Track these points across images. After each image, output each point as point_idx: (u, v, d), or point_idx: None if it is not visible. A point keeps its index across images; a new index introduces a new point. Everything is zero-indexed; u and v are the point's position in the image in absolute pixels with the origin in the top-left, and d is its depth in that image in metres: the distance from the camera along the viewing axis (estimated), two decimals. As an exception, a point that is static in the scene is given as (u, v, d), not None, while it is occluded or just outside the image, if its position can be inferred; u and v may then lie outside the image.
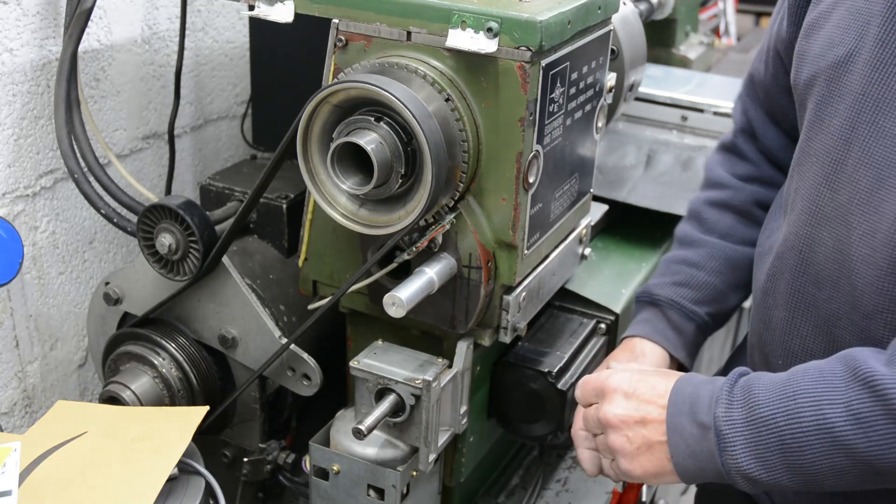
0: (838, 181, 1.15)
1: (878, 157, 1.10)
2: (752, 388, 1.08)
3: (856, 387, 1.00)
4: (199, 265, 1.40)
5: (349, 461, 1.36)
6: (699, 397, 1.11)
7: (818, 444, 1.01)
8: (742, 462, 1.06)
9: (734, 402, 1.08)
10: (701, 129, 2.29)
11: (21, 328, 1.64)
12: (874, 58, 1.11)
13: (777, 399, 1.04)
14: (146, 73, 1.80)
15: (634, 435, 1.15)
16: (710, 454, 1.08)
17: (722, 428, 1.07)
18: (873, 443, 0.98)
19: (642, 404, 1.15)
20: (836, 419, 1.00)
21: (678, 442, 1.11)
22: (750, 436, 1.05)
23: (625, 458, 1.17)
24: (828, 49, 1.18)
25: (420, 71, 1.21)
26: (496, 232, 1.29)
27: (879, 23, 1.11)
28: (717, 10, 3.31)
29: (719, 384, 1.12)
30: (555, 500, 1.73)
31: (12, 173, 1.56)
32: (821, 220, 1.18)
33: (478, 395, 1.47)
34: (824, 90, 1.18)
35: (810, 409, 1.01)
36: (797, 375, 1.06)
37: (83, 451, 1.23)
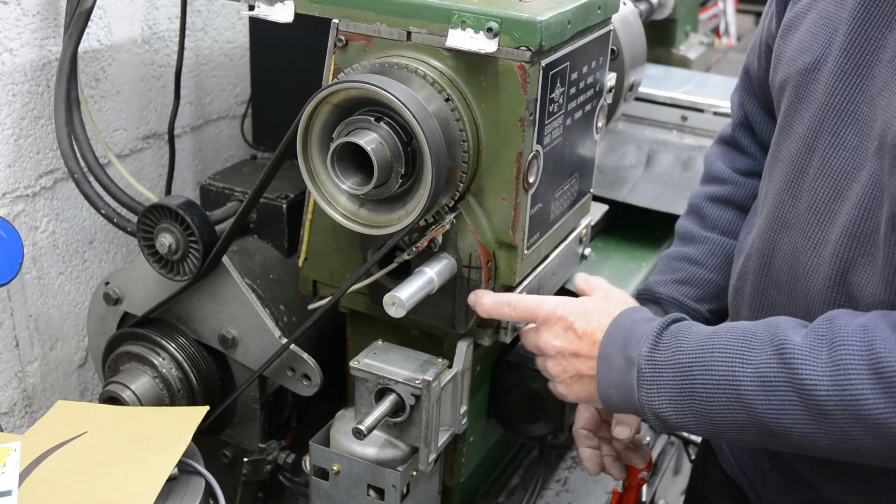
0: (800, 190, 1.17)
1: (836, 168, 1.11)
2: (679, 334, 1.12)
3: (769, 351, 1.04)
4: (199, 265, 1.40)
5: (349, 461, 1.36)
6: (633, 333, 1.15)
7: (724, 399, 1.06)
8: (655, 401, 1.11)
9: (660, 344, 1.12)
10: (701, 129, 2.30)
11: (21, 328, 1.65)
12: (838, 67, 1.11)
13: (697, 349, 1.09)
14: (146, 73, 1.80)
15: (568, 365, 1.20)
16: (631, 388, 1.13)
17: (643, 366, 1.12)
18: (773, 406, 1.02)
19: (577, 338, 1.19)
20: (743, 378, 1.04)
21: (605, 371, 1.16)
22: (667, 378, 1.10)
23: (559, 384, 1.23)
24: (798, 54, 1.18)
25: (420, 71, 1.21)
26: (496, 232, 1.29)
27: (845, 31, 1.11)
28: (717, 10, 3.31)
29: (653, 324, 1.15)
30: (555, 500, 1.73)
31: (12, 173, 1.56)
32: (782, 227, 1.20)
33: (478, 395, 1.47)
34: (793, 96, 1.19)
35: (723, 364, 1.06)
36: (721, 331, 1.10)
37: (83, 451, 1.23)
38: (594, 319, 1.19)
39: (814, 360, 1.00)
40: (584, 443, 1.37)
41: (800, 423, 1.01)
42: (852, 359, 0.98)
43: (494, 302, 1.27)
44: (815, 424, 1.00)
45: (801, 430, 1.01)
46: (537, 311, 1.24)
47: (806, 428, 1.01)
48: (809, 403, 1.00)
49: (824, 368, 0.99)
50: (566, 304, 1.23)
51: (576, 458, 1.86)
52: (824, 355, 1.00)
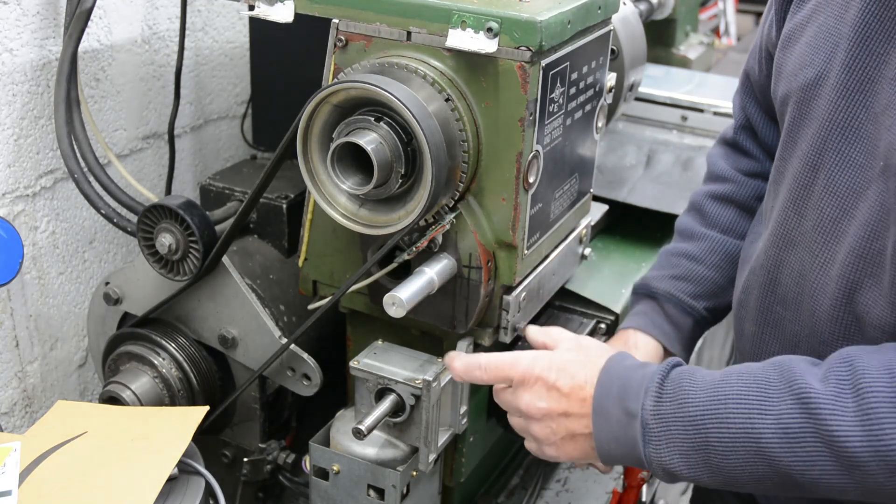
0: (805, 207, 1.14)
1: (842, 186, 1.09)
2: (683, 383, 1.07)
3: (788, 400, 0.99)
4: (199, 265, 1.40)
5: (349, 461, 1.36)
6: (629, 382, 1.10)
7: (743, 451, 1.01)
8: (665, 457, 1.06)
9: (664, 395, 1.07)
10: (701, 129, 2.30)
11: (21, 328, 1.65)
12: (841, 83, 1.09)
13: (708, 400, 1.04)
14: (146, 73, 1.80)
15: (558, 426, 1.15)
16: (634, 442, 1.07)
17: (649, 421, 1.06)
18: (798, 458, 0.98)
19: (564, 397, 1.14)
20: (764, 430, 1.00)
21: (602, 426, 1.10)
22: (676, 433, 1.05)
23: (549, 446, 1.17)
24: (800, 68, 1.16)
25: (420, 71, 1.21)
26: (496, 232, 1.29)
27: (847, 47, 1.09)
28: (717, 10, 3.31)
29: (651, 372, 1.10)
30: (555, 500, 1.73)
31: (12, 173, 1.56)
32: (788, 244, 1.18)
33: (478, 395, 1.47)
34: (795, 112, 1.17)
35: (740, 416, 1.01)
36: (731, 378, 1.05)
37: (83, 451, 1.23)
38: (578, 374, 1.13)
39: (841, 410, 0.95)
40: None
41: (829, 473, 0.97)
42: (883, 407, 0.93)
43: (465, 365, 1.23)
44: (847, 475, 0.96)
45: (830, 480, 0.97)
46: (510, 373, 1.18)
47: (836, 479, 0.97)
48: (841, 455, 0.95)
49: (853, 418, 0.95)
50: (540, 360, 1.16)
51: (576, 458, 1.86)
52: (850, 403, 0.95)
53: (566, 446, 1.16)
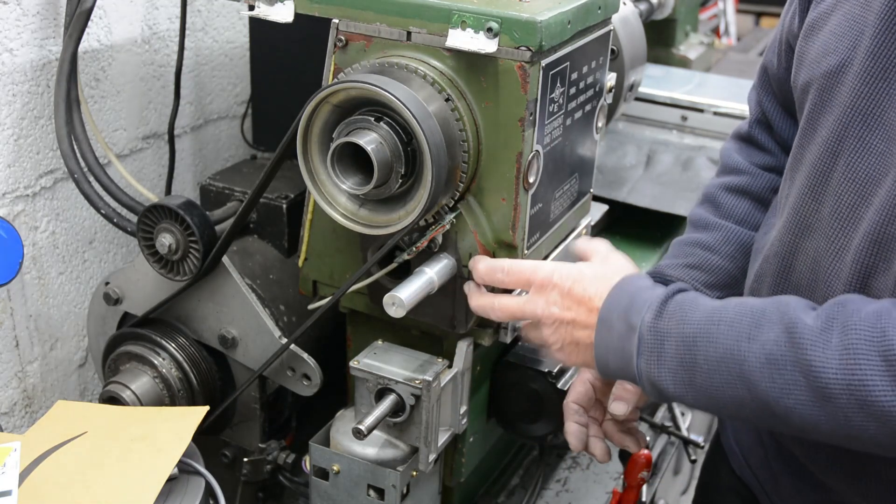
0: (824, 194, 1.15)
1: (861, 173, 1.09)
2: (685, 304, 1.10)
3: (777, 329, 1.02)
4: (199, 265, 1.40)
5: (349, 461, 1.36)
6: (636, 299, 1.13)
7: (727, 373, 1.04)
8: (654, 371, 1.09)
9: (665, 313, 1.10)
10: (701, 129, 2.30)
11: (21, 328, 1.65)
12: (865, 70, 1.09)
13: (703, 321, 1.07)
14: (146, 73, 1.80)
15: (565, 333, 1.19)
16: (630, 355, 1.11)
17: (645, 335, 1.10)
18: (776, 385, 1.01)
19: (574, 305, 1.17)
20: (748, 354, 1.03)
21: (604, 336, 1.14)
22: (668, 348, 1.08)
23: (556, 351, 1.22)
24: (822, 56, 1.16)
25: (420, 71, 1.21)
26: (496, 232, 1.29)
27: (872, 34, 1.09)
28: (717, 10, 3.31)
29: (658, 291, 1.13)
30: (555, 500, 1.73)
31: (12, 173, 1.56)
32: (804, 231, 1.18)
33: (478, 395, 1.47)
34: (817, 99, 1.17)
35: (729, 338, 1.04)
36: (729, 305, 1.09)
37: (83, 451, 1.23)
38: (591, 286, 1.17)
39: (823, 343, 0.98)
40: (573, 417, 1.35)
41: (802, 404, 1.00)
42: (863, 344, 0.96)
43: (489, 267, 1.25)
44: (819, 407, 0.99)
45: (803, 411, 1.00)
46: (532, 277, 1.21)
47: (808, 410, 1.00)
48: (815, 385, 0.98)
49: (834, 351, 0.97)
50: (561, 269, 1.20)
51: (576, 458, 1.86)
52: (835, 338, 0.98)
53: (570, 353, 1.20)
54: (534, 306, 1.21)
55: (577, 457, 1.86)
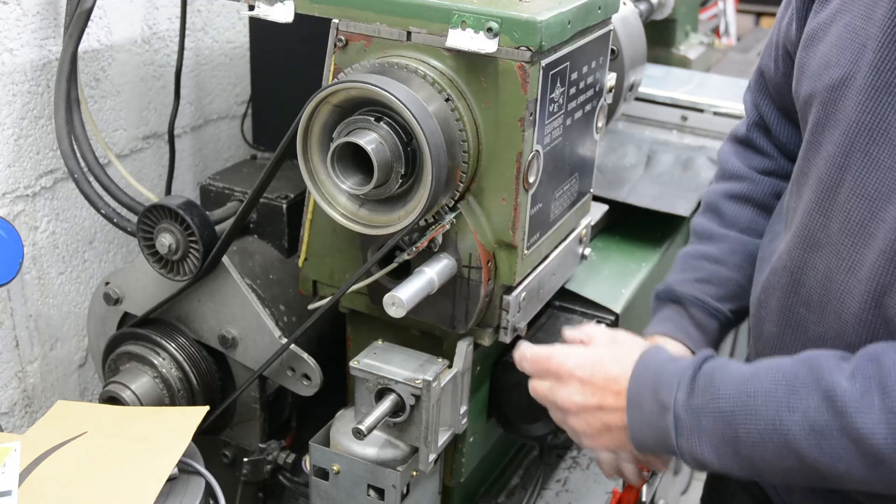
0: (832, 210, 1.14)
1: (870, 188, 1.08)
2: (714, 377, 1.09)
3: (816, 397, 1.01)
4: (199, 265, 1.40)
5: (349, 461, 1.36)
6: (662, 375, 1.12)
7: (771, 445, 1.04)
8: (696, 448, 1.08)
9: (696, 389, 1.09)
10: (701, 129, 2.30)
11: (21, 328, 1.65)
12: (869, 84, 1.08)
13: (738, 395, 1.06)
14: (146, 73, 1.80)
15: (594, 419, 1.18)
16: (667, 433, 1.10)
17: (681, 413, 1.09)
18: (825, 454, 1.00)
19: (598, 391, 1.17)
20: (792, 425, 1.02)
21: (636, 416, 1.13)
22: (707, 425, 1.07)
23: (586, 438, 1.21)
24: (825, 68, 1.15)
25: (420, 71, 1.21)
26: (496, 232, 1.29)
27: (875, 47, 1.08)
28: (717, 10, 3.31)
29: (684, 365, 1.13)
30: (555, 500, 1.73)
31: (12, 173, 1.56)
32: (813, 246, 1.18)
33: (478, 395, 1.47)
34: (821, 113, 1.16)
35: (768, 411, 1.04)
36: (761, 373, 1.08)
37: (83, 451, 1.23)
38: (612, 369, 1.16)
39: (867, 407, 0.98)
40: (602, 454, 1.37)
41: (854, 469, 0.99)
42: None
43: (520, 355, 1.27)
44: (872, 471, 0.99)
45: (856, 475, 1.00)
46: (547, 366, 1.22)
47: (861, 474, 0.99)
48: (866, 452, 0.98)
49: (879, 415, 0.97)
50: (573, 356, 1.20)
51: (576, 458, 1.86)
52: (877, 401, 0.97)
53: (602, 438, 1.19)
54: (554, 396, 1.21)
55: (576, 457, 1.86)
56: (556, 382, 1.21)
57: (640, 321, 1.85)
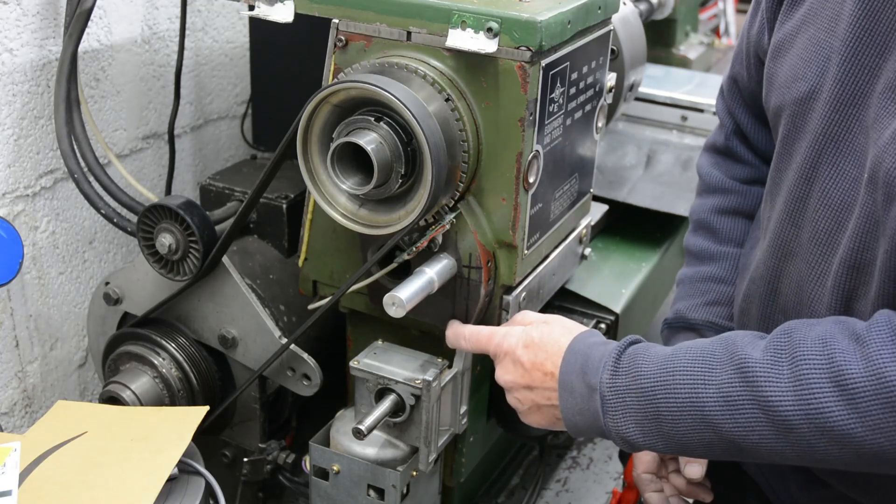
0: (802, 220, 1.17)
1: (835, 199, 1.11)
2: (638, 358, 1.13)
3: (729, 370, 1.05)
4: (199, 265, 1.40)
5: (349, 461, 1.36)
6: (590, 358, 1.16)
7: (690, 419, 1.07)
8: (622, 426, 1.12)
9: (620, 369, 1.13)
10: (701, 129, 2.29)
11: (21, 328, 1.65)
12: (834, 98, 1.10)
13: (658, 373, 1.10)
14: (146, 73, 1.80)
15: (523, 397, 1.22)
16: (596, 414, 1.13)
17: (606, 393, 1.12)
18: (739, 424, 1.03)
19: (527, 371, 1.20)
20: (707, 399, 1.05)
21: (568, 398, 1.16)
22: (630, 403, 1.11)
23: (521, 413, 1.25)
24: (792, 81, 1.17)
25: (420, 71, 1.21)
26: (496, 232, 1.29)
27: (838, 61, 1.10)
28: (717, 10, 3.31)
29: (609, 349, 1.16)
30: (555, 500, 1.73)
31: (12, 173, 1.56)
32: (787, 255, 1.20)
33: (478, 395, 1.47)
34: (790, 125, 1.18)
35: (685, 386, 1.07)
36: (680, 352, 1.11)
37: (83, 451, 1.23)
38: (541, 350, 1.20)
39: (776, 376, 1.01)
40: (650, 487, 1.38)
41: (767, 438, 1.02)
42: (814, 372, 0.99)
43: (454, 333, 1.31)
44: (782, 438, 1.02)
45: (769, 444, 1.03)
46: (486, 346, 1.26)
47: (773, 442, 1.03)
48: (775, 419, 1.01)
49: (787, 384, 1.00)
50: (511, 336, 1.23)
51: (576, 458, 1.86)
52: (786, 370, 1.01)
53: (533, 415, 1.23)
54: (497, 374, 1.25)
55: (576, 457, 1.87)
56: (496, 360, 1.25)
57: (639, 321, 1.86)
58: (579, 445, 2.08)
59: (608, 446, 2.08)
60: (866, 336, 0.98)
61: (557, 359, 1.18)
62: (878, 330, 0.98)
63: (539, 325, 1.24)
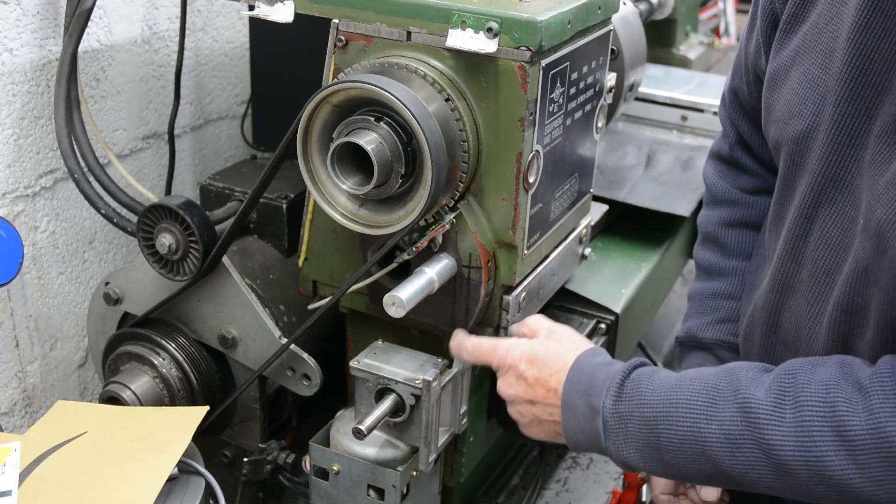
0: (802, 257, 1.17)
1: (834, 239, 1.11)
2: (641, 384, 1.13)
3: (732, 408, 1.05)
4: (199, 265, 1.40)
5: (349, 461, 1.36)
6: (594, 380, 1.16)
7: (690, 452, 1.07)
8: (622, 451, 1.13)
9: (623, 395, 1.13)
10: (701, 129, 2.29)
11: (21, 328, 1.65)
12: (832, 139, 1.10)
13: (661, 403, 1.10)
14: (146, 73, 1.80)
15: (525, 411, 1.23)
16: (598, 435, 1.14)
17: (608, 419, 1.13)
18: (738, 462, 1.04)
19: (530, 386, 1.21)
20: (709, 434, 1.06)
21: (570, 417, 1.17)
22: (632, 430, 1.11)
23: (522, 426, 1.26)
24: (789, 118, 1.17)
25: (420, 71, 1.21)
26: (496, 232, 1.29)
27: (834, 101, 1.09)
28: (717, 10, 3.31)
29: (614, 371, 1.16)
30: (555, 500, 1.73)
31: (12, 173, 1.56)
32: (787, 290, 1.20)
33: (478, 395, 1.47)
34: (789, 162, 1.18)
35: (687, 420, 1.08)
36: (684, 383, 1.11)
37: (83, 451, 1.23)
38: (545, 367, 1.20)
39: (778, 420, 1.01)
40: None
41: (766, 477, 1.03)
42: (816, 420, 0.99)
43: (457, 344, 1.31)
44: (781, 480, 1.02)
45: (768, 484, 1.04)
46: (489, 358, 1.26)
47: (772, 483, 1.03)
48: (775, 462, 1.01)
49: (789, 429, 1.01)
50: (515, 350, 1.24)
51: (576, 458, 1.86)
52: (788, 414, 1.01)
53: (534, 429, 1.24)
54: (499, 387, 1.26)
55: (577, 457, 1.87)
56: (499, 373, 1.26)
57: (639, 321, 1.86)
58: (579, 445, 2.08)
59: None
60: (869, 387, 0.98)
61: (561, 376, 1.18)
62: (882, 381, 0.98)
63: (544, 340, 1.24)
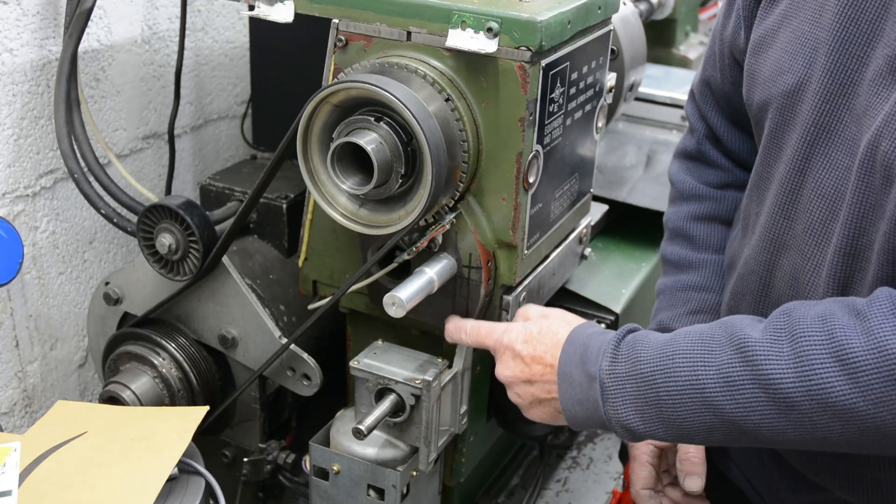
0: (795, 211, 1.17)
1: (829, 188, 1.11)
2: (637, 345, 1.12)
3: (729, 351, 1.04)
4: (199, 265, 1.40)
5: (349, 461, 1.36)
6: (589, 348, 1.15)
7: (690, 402, 1.06)
8: (622, 413, 1.11)
9: (619, 356, 1.12)
10: (701, 129, 2.29)
11: (21, 328, 1.65)
12: (824, 88, 1.11)
13: (657, 357, 1.09)
14: (146, 73, 1.80)
15: (523, 392, 1.22)
16: (596, 403, 1.13)
17: (605, 380, 1.12)
18: (740, 405, 1.03)
19: (527, 365, 1.20)
20: (707, 381, 1.05)
21: (567, 389, 1.16)
22: (630, 390, 1.10)
23: (523, 409, 1.24)
24: (778, 75, 1.17)
25: (420, 71, 1.21)
26: (496, 232, 1.29)
27: (826, 51, 1.10)
28: (717, 10, 3.31)
29: (608, 337, 1.16)
30: (555, 500, 1.73)
31: (12, 173, 1.56)
32: (780, 248, 1.20)
33: (478, 395, 1.47)
34: (778, 118, 1.18)
35: (686, 370, 1.07)
36: (679, 337, 1.10)
37: (83, 451, 1.23)
38: (540, 344, 1.20)
39: (776, 354, 1.01)
40: (648, 503, 1.38)
41: (768, 417, 1.02)
42: (815, 349, 0.98)
43: (455, 327, 1.30)
44: (784, 417, 1.01)
45: (770, 424, 1.02)
46: (486, 340, 1.26)
47: (774, 422, 1.02)
48: (776, 397, 1.00)
49: (787, 361, 1.00)
50: (511, 331, 1.23)
51: (576, 458, 1.86)
52: (786, 348, 1.00)
53: (535, 409, 1.22)
54: (497, 369, 1.25)
55: (576, 457, 1.87)
56: (496, 356, 1.25)
57: (639, 321, 1.85)
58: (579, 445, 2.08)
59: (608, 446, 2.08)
60: (867, 311, 0.97)
61: (556, 351, 1.18)
62: (879, 304, 0.97)
63: (538, 320, 1.24)
